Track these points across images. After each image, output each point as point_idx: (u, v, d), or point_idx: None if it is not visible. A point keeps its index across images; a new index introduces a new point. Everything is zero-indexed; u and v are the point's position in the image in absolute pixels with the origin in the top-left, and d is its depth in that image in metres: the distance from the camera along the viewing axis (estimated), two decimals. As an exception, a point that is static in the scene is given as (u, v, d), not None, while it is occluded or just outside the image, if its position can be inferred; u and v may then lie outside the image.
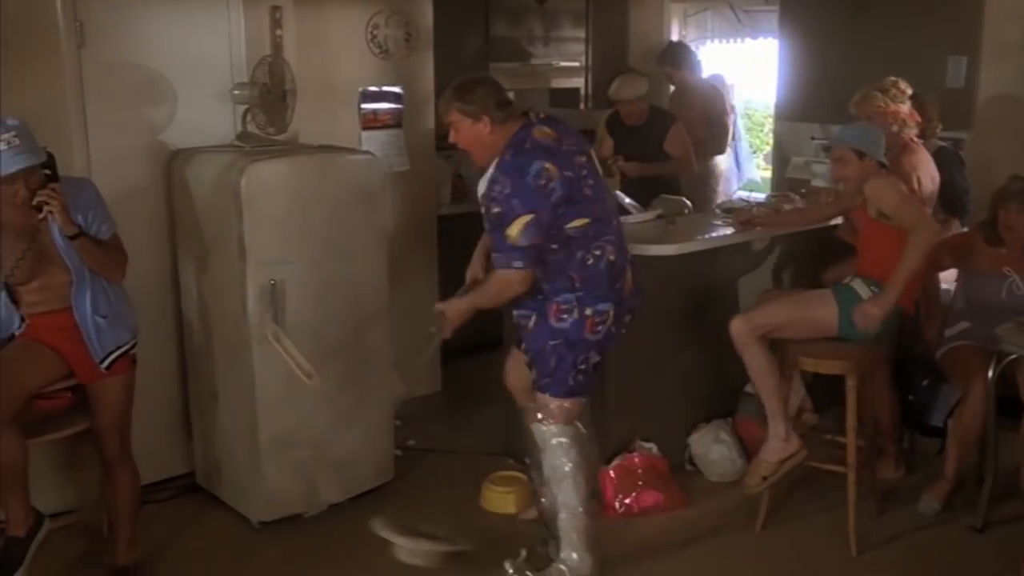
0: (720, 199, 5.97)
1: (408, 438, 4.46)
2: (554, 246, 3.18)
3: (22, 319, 3.25)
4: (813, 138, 5.91)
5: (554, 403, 3.29)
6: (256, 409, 3.72)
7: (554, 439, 3.30)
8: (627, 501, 3.95)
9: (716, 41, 7.60)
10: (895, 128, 4.16)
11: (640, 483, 3.99)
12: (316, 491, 3.90)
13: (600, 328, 3.26)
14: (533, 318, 3.31)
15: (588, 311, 3.24)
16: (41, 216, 3.06)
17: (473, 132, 3.23)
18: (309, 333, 3.75)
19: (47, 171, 3.08)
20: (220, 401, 3.92)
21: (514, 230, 3.10)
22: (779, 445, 3.67)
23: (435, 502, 4.07)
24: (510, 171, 3.13)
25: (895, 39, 5.24)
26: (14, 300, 3.23)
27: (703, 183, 6.08)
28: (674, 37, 7.53)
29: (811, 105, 5.67)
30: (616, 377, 4.02)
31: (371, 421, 4.02)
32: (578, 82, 6.76)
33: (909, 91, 4.25)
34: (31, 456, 3.20)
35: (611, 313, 3.26)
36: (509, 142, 3.19)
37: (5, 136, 2.97)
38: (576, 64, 6.76)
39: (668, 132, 5.34)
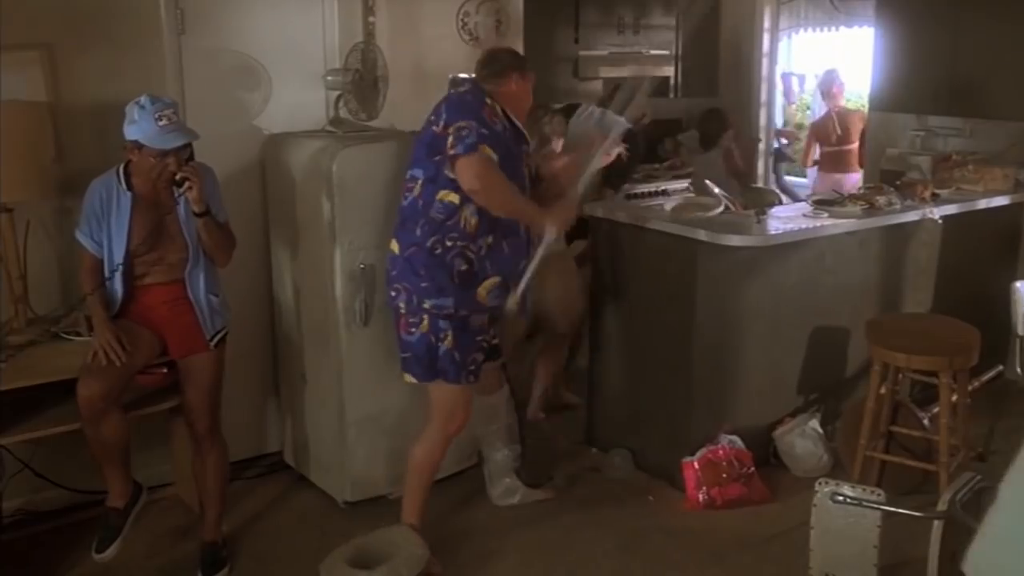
0: None
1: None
2: None
3: (126, 295, 3.27)
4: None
5: None
6: (344, 392, 3.78)
7: None
8: (711, 493, 3.92)
9: (810, 30, 7.45)
10: None
11: (724, 476, 3.95)
12: (401, 473, 3.94)
13: None
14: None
15: None
16: (181, 191, 3.15)
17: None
18: (396, 317, 3.79)
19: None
20: (309, 383, 3.99)
21: None
22: None
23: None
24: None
25: (1000, 26, 5.05)
26: (126, 270, 3.25)
27: None
28: (766, 25, 7.40)
29: (908, 95, 5.52)
30: (701, 370, 3.99)
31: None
32: (668, 70, 6.69)
33: None
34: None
35: None
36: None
37: (166, 112, 3.10)
38: (666, 52, 6.69)
39: None
